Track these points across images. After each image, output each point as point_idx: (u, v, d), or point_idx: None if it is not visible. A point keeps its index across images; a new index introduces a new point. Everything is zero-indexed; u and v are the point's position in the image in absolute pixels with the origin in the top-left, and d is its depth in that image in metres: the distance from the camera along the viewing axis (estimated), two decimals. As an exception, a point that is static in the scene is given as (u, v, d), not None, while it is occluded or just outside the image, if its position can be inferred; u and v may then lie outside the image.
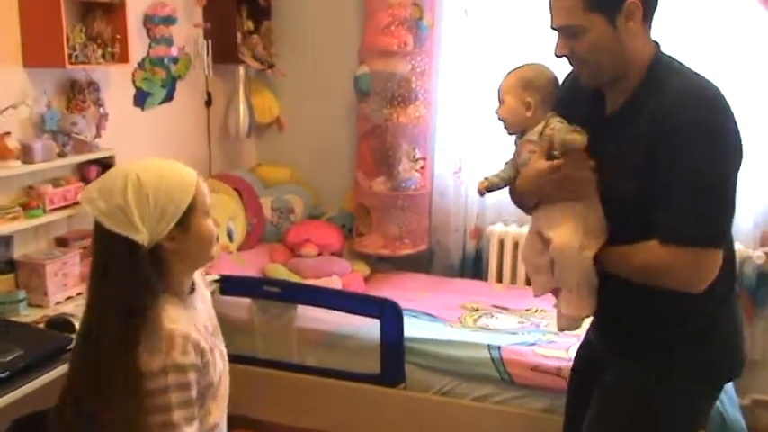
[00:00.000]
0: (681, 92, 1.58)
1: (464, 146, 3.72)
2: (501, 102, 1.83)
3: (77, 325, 2.32)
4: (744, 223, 3.38)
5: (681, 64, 1.67)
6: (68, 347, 2.21)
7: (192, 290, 1.58)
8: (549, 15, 1.66)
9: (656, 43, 1.67)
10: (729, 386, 2.71)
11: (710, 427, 2.49)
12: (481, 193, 1.92)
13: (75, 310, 2.53)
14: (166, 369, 1.40)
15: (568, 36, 1.63)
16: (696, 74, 1.64)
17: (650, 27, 1.65)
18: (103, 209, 1.41)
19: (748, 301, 3.43)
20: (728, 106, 1.59)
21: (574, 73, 1.77)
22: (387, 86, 3.70)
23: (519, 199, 1.88)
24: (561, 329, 1.83)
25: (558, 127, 1.72)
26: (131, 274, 1.41)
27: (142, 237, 1.41)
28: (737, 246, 3.28)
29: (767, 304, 3.44)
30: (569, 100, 1.78)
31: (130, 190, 1.42)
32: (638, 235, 1.61)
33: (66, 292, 2.65)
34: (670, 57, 1.67)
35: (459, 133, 3.72)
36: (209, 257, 1.56)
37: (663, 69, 1.63)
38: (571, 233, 1.68)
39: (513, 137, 1.86)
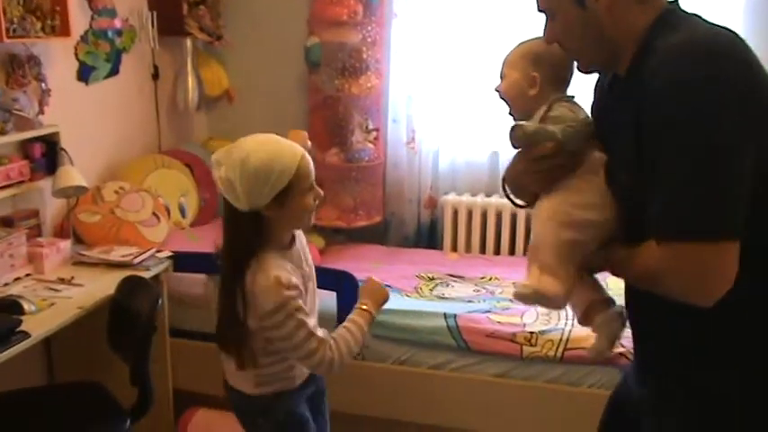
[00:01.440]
0: (667, 51, 1.25)
1: (417, 115, 3.72)
2: (502, 77, 1.59)
3: (26, 306, 2.29)
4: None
5: (686, 18, 1.33)
6: (17, 329, 2.17)
7: (293, 242, 1.91)
8: None
9: (665, 4, 1.36)
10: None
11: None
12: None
13: (24, 291, 2.48)
14: (282, 304, 1.77)
15: (548, 16, 1.43)
16: (704, 25, 1.30)
17: None
18: (222, 176, 1.77)
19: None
20: (735, 56, 1.23)
21: None
22: (337, 57, 3.67)
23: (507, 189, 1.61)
24: (595, 355, 1.55)
25: (561, 114, 1.48)
26: (236, 230, 1.83)
27: (241, 205, 1.77)
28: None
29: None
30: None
31: (239, 167, 1.75)
32: (640, 235, 1.32)
33: (14, 273, 2.59)
34: (681, 14, 1.34)
35: (412, 103, 3.72)
36: (304, 225, 1.91)
37: (659, 33, 1.30)
38: (557, 202, 1.45)
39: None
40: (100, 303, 2.47)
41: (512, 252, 3.68)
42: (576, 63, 1.48)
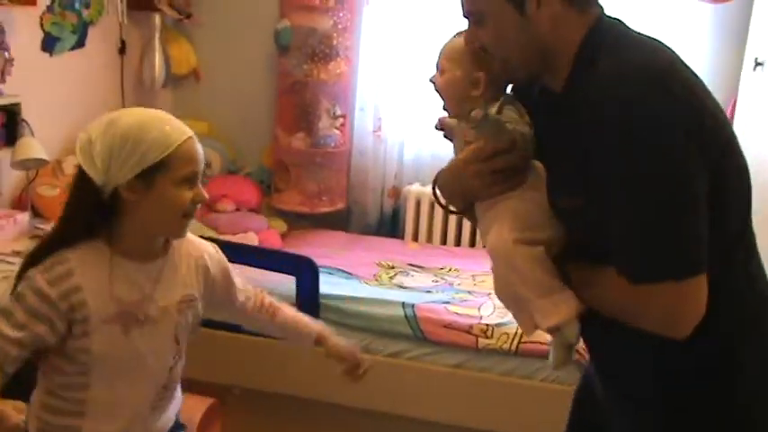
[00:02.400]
0: (604, 77, 1.19)
1: (384, 105, 3.73)
2: (441, 70, 1.44)
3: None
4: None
5: (623, 34, 1.29)
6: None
7: (157, 258, 1.51)
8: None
9: (599, 15, 1.30)
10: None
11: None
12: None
13: (-22, 263, 2.44)
14: (26, 277, 1.42)
15: (474, 23, 1.33)
16: (640, 45, 1.26)
17: (582, 4, 1.28)
18: (82, 138, 1.43)
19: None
20: (677, 81, 1.19)
21: None
22: (307, 42, 3.65)
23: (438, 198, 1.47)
24: (558, 365, 1.40)
25: (512, 117, 1.34)
26: (75, 203, 1.44)
27: (96, 174, 1.39)
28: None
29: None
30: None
31: (103, 128, 1.41)
32: (597, 256, 1.26)
33: (-32, 244, 2.55)
34: (613, 26, 1.30)
35: (380, 92, 3.72)
36: (170, 231, 1.49)
37: (598, 48, 1.25)
38: (507, 228, 1.32)
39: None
40: (56, 278, 2.44)
41: (472, 244, 3.72)
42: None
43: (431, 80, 1.47)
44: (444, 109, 1.48)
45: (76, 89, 3.35)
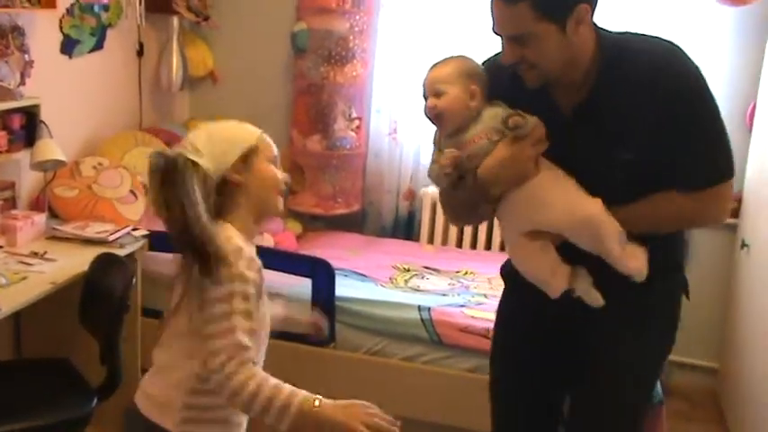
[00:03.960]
0: (651, 58, 1.63)
1: (400, 107, 3.72)
2: (437, 93, 1.69)
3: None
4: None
5: (618, 33, 1.70)
6: (-11, 301, 2.15)
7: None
8: (492, 20, 1.63)
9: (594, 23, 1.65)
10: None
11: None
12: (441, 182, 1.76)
13: (-3, 263, 2.46)
14: (232, 278, 1.49)
15: (516, 43, 1.61)
16: (639, 35, 1.71)
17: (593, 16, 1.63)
18: (185, 141, 1.61)
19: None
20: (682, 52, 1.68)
21: (499, 66, 1.70)
22: (324, 44, 3.66)
23: (484, 193, 1.72)
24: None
25: (515, 112, 1.66)
26: (196, 196, 1.52)
27: (204, 162, 1.55)
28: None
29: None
30: (512, 94, 1.70)
31: (205, 129, 1.64)
32: (633, 198, 1.68)
33: (-13, 244, 2.57)
34: (605, 31, 1.68)
35: (396, 94, 3.72)
36: (274, 206, 1.68)
37: (612, 47, 1.66)
38: (585, 195, 1.67)
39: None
40: (73, 279, 2.45)
41: (488, 247, 3.71)
42: (525, 78, 1.66)
43: (429, 107, 1.70)
44: (443, 129, 1.72)
45: (95, 91, 3.37)
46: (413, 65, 3.64)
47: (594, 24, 1.65)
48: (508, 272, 1.92)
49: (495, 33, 1.64)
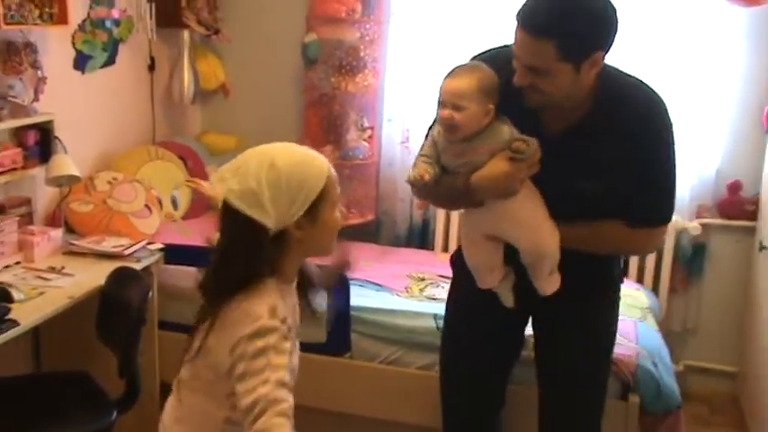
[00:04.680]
0: (640, 107, 1.85)
1: (412, 115, 3.72)
2: (459, 107, 1.80)
3: (15, 294, 2.29)
4: (680, 196, 3.47)
5: (615, 71, 1.88)
6: (6, 317, 2.17)
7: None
8: (514, 42, 1.76)
9: None
10: (665, 353, 2.80)
11: (646, 393, 2.57)
12: (418, 186, 1.95)
13: (13, 279, 2.48)
14: (259, 332, 1.38)
15: (532, 72, 1.75)
16: (632, 78, 1.91)
17: None
18: (235, 189, 1.41)
19: (683, 271, 3.55)
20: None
21: (502, 62, 1.83)
22: (334, 54, 3.67)
23: (470, 197, 1.89)
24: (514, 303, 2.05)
25: (522, 138, 1.81)
26: (251, 254, 1.43)
27: (269, 220, 1.41)
28: (675, 217, 3.42)
29: (702, 274, 3.56)
30: (505, 94, 1.84)
31: (264, 174, 1.41)
32: (579, 218, 1.91)
33: (4, 260, 2.59)
34: (608, 67, 1.84)
35: (407, 102, 3.72)
36: (328, 249, 1.58)
37: (610, 86, 1.84)
38: (551, 230, 1.90)
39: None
40: (90, 293, 2.47)
41: (502, 255, 3.69)
42: (528, 98, 1.80)
43: (444, 118, 1.83)
44: (453, 138, 1.86)
45: (108, 106, 3.40)
46: (424, 73, 3.64)
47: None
48: (461, 263, 2.12)
49: (515, 56, 1.77)
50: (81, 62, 3.18)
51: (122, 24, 3.38)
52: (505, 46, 1.90)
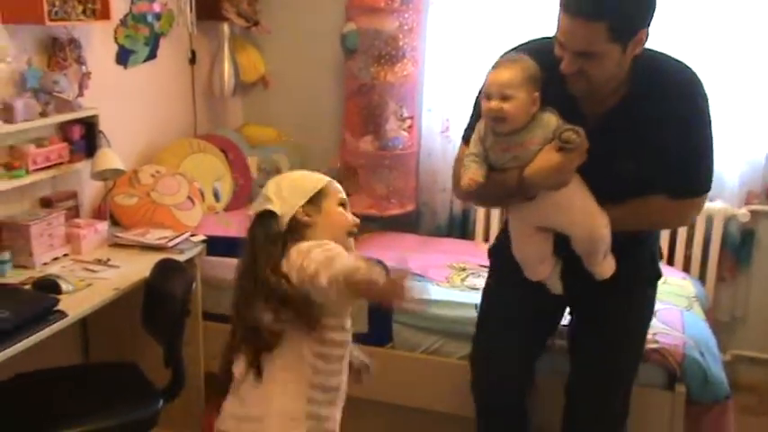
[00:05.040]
0: (676, 81, 1.89)
1: (451, 105, 3.70)
2: (507, 97, 1.82)
3: (64, 286, 2.33)
4: (729, 182, 3.40)
5: (646, 50, 1.87)
6: (55, 308, 2.21)
7: None
8: (560, 32, 1.79)
9: None
10: (712, 343, 2.75)
11: (693, 383, 2.53)
12: (472, 190, 1.95)
13: (62, 271, 2.53)
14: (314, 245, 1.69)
15: (580, 57, 1.78)
16: (663, 55, 1.94)
17: None
18: (255, 205, 1.80)
19: (732, 259, 3.47)
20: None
21: (542, 54, 1.87)
22: (374, 44, 3.65)
23: (523, 192, 1.92)
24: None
25: (571, 127, 1.83)
26: (271, 235, 1.71)
27: (275, 206, 1.73)
28: (723, 204, 3.36)
29: (750, 262, 3.48)
30: (545, 85, 1.88)
31: (276, 180, 1.82)
32: (622, 198, 1.95)
33: (52, 253, 2.64)
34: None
35: (447, 92, 3.70)
36: (341, 241, 1.75)
37: (644, 64, 1.86)
38: (601, 214, 1.93)
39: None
40: (135, 285, 2.50)
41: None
42: (573, 87, 1.85)
43: (492, 110, 1.84)
44: (503, 131, 1.88)
45: (150, 99, 3.44)
46: (463, 62, 3.61)
47: None
48: (501, 253, 2.19)
49: (560, 45, 1.80)
50: (123, 57, 3.22)
51: (163, 18, 3.42)
52: (542, 38, 1.96)
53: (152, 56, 3.40)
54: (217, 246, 2.97)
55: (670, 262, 3.47)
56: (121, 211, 3.05)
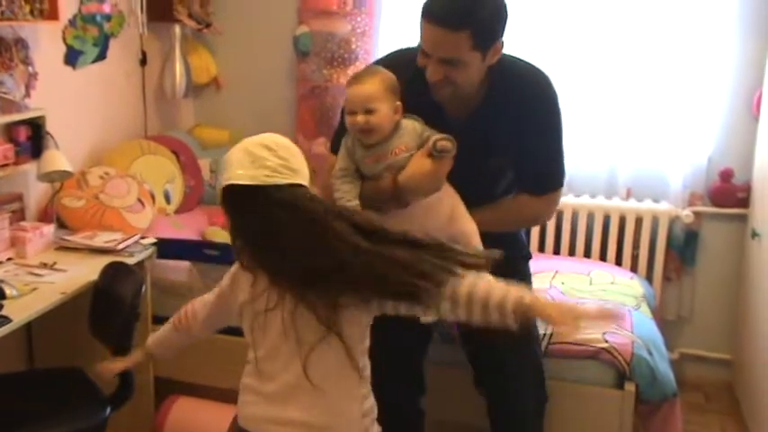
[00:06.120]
0: (526, 80, 2.05)
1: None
2: (370, 110, 1.87)
3: (8, 291, 2.28)
4: (673, 184, 3.48)
5: (503, 60, 2.01)
6: (-1, 313, 2.16)
7: None
8: (421, 39, 1.91)
9: None
10: (660, 342, 2.81)
11: (641, 381, 2.58)
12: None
13: (5, 275, 2.47)
14: None
15: (445, 64, 1.89)
16: (516, 57, 2.08)
17: None
18: (266, 173, 1.55)
19: (677, 260, 3.56)
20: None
21: (404, 65, 1.97)
22: (326, 47, 3.66)
23: (397, 198, 1.94)
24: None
25: (433, 132, 1.92)
26: (323, 205, 1.57)
27: (304, 179, 1.59)
28: (668, 206, 3.44)
29: (695, 262, 3.57)
30: (408, 94, 1.94)
31: (280, 151, 1.58)
32: (491, 194, 2.12)
33: (-4, 256, 2.58)
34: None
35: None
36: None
37: (498, 69, 2.00)
38: (469, 217, 2.00)
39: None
40: (83, 289, 2.46)
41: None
42: (436, 92, 1.96)
43: (357, 124, 1.89)
44: (369, 142, 1.93)
45: (100, 101, 3.38)
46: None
47: None
48: None
49: (424, 54, 1.91)
50: (72, 57, 3.17)
51: (113, 19, 3.37)
52: (399, 50, 2.14)
53: (102, 57, 3.35)
54: (167, 248, 2.93)
55: (618, 262, 3.54)
56: (69, 213, 2.99)
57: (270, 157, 1.56)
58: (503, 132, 2.04)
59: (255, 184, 1.55)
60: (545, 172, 2.11)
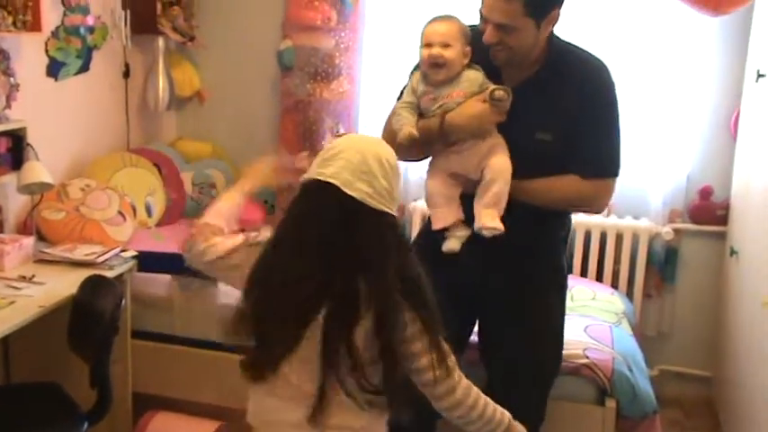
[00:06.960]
0: (587, 63, 2.09)
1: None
2: (446, 45, 2.01)
3: None
4: (653, 201, 3.51)
5: (565, 40, 2.11)
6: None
7: None
8: (482, 4, 1.99)
9: None
10: (640, 358, 2.82)
11: (622, 398, 2.58)
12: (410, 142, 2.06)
13: (-15, 288, 2.44)
14: None
15: (500, 29, 1.97)
16: (579, 46, 2.13)
17: None
18: (369, 191, 1.52)
19: (657, 276, 3.58)
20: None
21: (474, 34, 2.05)
22: (310, 61, 3.67)
23: (444, 136, 2.06)
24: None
25: (502, 87, 2.00)
26: (399, 240, 1.59)
27: (396, 207, 1.58)
28: (648, 223, 3.47)
29: (675, 279, 3.60)
30: (475, 58, 2.08)
31: (390, 173, 1.55)
32: (542, 174, 2.09)
33: (-26, 269, 2.55)
34: (556, 36, 2.09)
35: (382, 110, 3.71)
36: None
37: (559, 47, 2.08)
38: (507, 159, 2.04)
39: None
40: (62, 302, 2.43)
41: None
42: (494, 56, 2.03)
43: (433, 56, 2.02)
44: (436, 79, 2.06)
45: (81, 113, 3.37)
46: (399, 81, 3.64)
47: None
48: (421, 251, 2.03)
49: (482, 17, 2.00)
50: (54, 69, 3.15)
51: (97, 31, 3.36)
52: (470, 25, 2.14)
53: (85, 69, 3.33)
54: (148, 261, 2.91)
55: (599, 278, 3.56)
56: (49, 225, 2.97)
57: (380, 177, 1.53)
58: (555, 104, 2.06)
59: (355, 196, 1.52)
60: (594, 156, 2.09)
